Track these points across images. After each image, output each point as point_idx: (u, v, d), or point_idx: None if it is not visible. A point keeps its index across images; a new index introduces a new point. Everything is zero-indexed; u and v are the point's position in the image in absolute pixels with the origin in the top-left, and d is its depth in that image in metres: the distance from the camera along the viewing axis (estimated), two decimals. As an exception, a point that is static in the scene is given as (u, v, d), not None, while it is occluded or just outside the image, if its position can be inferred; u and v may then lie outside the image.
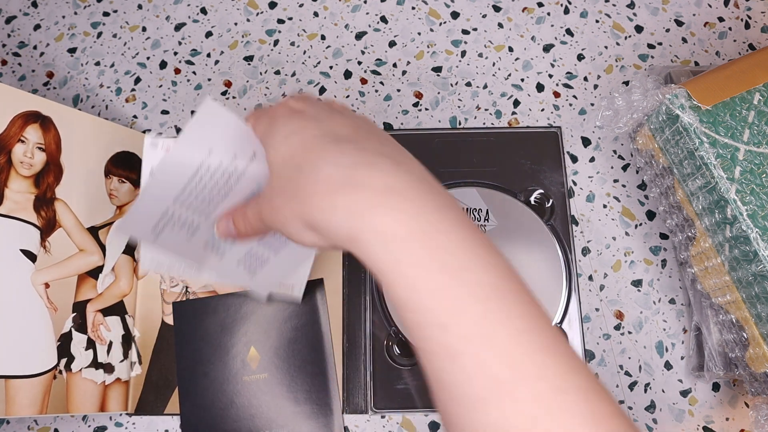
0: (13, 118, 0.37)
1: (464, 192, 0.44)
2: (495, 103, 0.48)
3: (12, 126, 0.37)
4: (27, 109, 0.38)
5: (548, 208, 0.44)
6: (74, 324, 0.39)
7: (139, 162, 0.46)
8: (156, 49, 0.51)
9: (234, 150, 0.29)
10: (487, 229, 0.43)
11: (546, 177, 0.45)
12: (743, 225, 0.34)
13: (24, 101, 0.38)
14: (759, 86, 0.36)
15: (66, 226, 0.40)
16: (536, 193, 0.44)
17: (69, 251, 0.40)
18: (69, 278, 0.39)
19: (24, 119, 0.38)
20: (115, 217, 0.43)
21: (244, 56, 0.50)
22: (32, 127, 0.38)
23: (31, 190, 0.38)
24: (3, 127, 0.36)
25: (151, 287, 0.44)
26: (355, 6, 0.52)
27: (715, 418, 0.41)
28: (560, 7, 0.51)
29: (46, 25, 0.52)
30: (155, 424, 0.42)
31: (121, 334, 0.42)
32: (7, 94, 0.37)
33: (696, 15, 0.51)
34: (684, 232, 0.40)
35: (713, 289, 0.38)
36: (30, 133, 0.38)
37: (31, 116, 0.38)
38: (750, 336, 0.36)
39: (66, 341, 0.38)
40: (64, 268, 0.39)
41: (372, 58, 0.50)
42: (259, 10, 0.52)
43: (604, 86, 0.49)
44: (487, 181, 0.45)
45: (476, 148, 0.46)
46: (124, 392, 0.42)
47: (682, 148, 0.37)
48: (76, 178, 0.41)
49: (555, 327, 0.21)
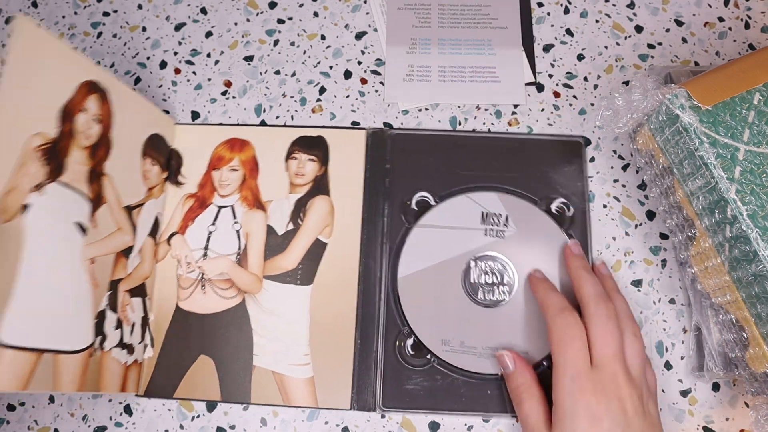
0: (79, 85, 0.36)
1: (485, 196, 0.44)
2: (495, 103, 0.48)
3: (78, 93, 0.36)
4: (89, 78, 0.37)
5: (568, 217, 0.44)
6: (109, 302, 0.39)
7: (167, 146, 0.46)
8: (156, 49, 0.51)
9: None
10: (506, 234, 0.43)
11: (567, 186, 0.45)
12: (743, 225, 0.34)
13: (87, 70, 0.37)
14: (759, 86, 0.36)
15: (110, 202, 0.39)
16: (557, 202, 0.44)
17: (110, 228, 0.40)
18: (108, 256, 0.39)
19: (87, 88, 0.37)
20: (145, 198, 0.43)
21: (244, 56, 0.50)
22: (92, 98, 0.37)
23: (87, 162, 0.37)
24: (71, 93, 0.36)
25: (168, 271, 0.44)
26: (355, 6, 0.52)
27: (715, 418, 0.41)
28: (560, 7, 0.51)
29: (46, 25, 0.52)
30: (155, 424, 0.42)
31: (141, 316, 0.42)
32: (76, 60, 0.36)
33: (696, 15, 0.51)
34: (684, 232, 0.40)
35: (713, 289, 0.38)
36: (90, 103, 0.37)
37: (92, 86, 0.37)
38: (750, 336, 0.36)
39: (101, 319, 0.39)
40: (105, 246, 0.39)
41: (372, 58, 0.50)
42: (259, 10, 0.52)
43: (604, 86, 0.49)
44: (508, 186, 0.45)
45: (499, 153, 0.46)
46: (138, 374, 0.42)
47: (682, 148, 0.37)
48: (120, 155, 0.40)
49: None
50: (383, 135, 0.47)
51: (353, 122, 0.48)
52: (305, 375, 0.42)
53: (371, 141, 0.47)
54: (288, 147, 0.47)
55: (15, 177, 0.32)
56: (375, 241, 0.44)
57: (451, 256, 0.43)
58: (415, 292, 0.43)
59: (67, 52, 0.35)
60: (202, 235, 0.45)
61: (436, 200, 0.44)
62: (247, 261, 0.44)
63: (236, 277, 0.44)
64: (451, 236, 0.43)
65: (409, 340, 0.42)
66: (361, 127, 0.48)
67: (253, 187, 0.46)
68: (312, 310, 0.43)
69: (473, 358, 0.41)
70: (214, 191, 0.46)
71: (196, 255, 0.45)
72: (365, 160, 0.46)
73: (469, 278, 0.42)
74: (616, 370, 0.34)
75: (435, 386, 0.41)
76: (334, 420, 0.42)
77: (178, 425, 0.42)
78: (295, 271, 0.44)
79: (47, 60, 0.34)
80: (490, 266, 0.43)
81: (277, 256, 0.44)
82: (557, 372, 0.35)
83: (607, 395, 0.33)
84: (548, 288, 0.39)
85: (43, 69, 0.34)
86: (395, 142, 0.46)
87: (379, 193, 0.45)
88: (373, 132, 0.47)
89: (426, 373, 0.41)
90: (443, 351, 0.41)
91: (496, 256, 0.43)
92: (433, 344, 0.41)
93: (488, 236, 0.43)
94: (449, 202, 0.44)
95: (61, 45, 0.35)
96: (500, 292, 0.42)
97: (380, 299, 0.43)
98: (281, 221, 0.45)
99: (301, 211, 0.45)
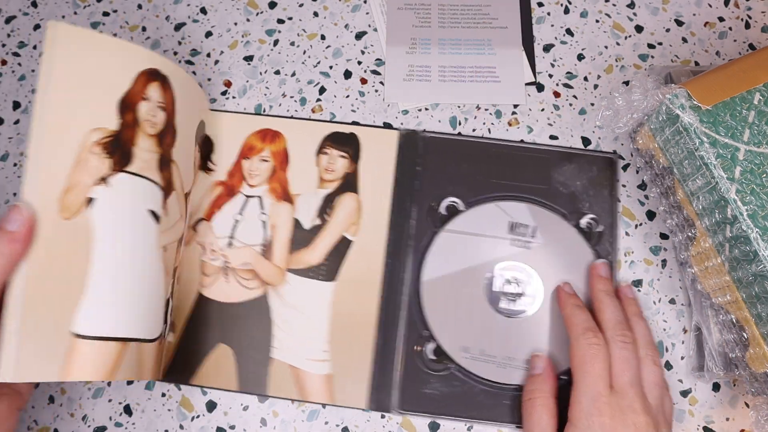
0: (137, 75, 0.36)
1: (514, 206, 0.44)
2: (495, 103, 0.48)
3: (136, 83, 0.36)
4: (148, 67, 0.37)
5: (596, 233, 0.43)
6: (172, 290, 0.40)
7: (204, 132, 0.46)
8: (156, 49, 0.51)
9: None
10: (532, 246, 0.43)
11: (597, 202, 0.44)
12: (743, 225, 0.34)
13: (145, 59, 0.37)
14: (759, 86, 0.36)
15: (177, 189, 0.40)
16: (587, 218, 0.44)
17: (177, 216, 0.40)
18: (174, 243, 0.40)
19: (146, 77, 0.37)
20: (193, 184, 0.44)
21: (244, 56, 0.50)
22: (153, 86, 0.37)
23: (156, 149, 0.37)
24: (129, 84, 0.36)
25: (193, 258, 0.44)
26: (355, 6, 0.52)
27: (715, 418, 0.41)
28: (560, 7, 0.51)
29: (45, 25, 0.52)
30: (155, 424, 0.42)
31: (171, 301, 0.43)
32: (130, 50, 0.36)
33: (696, 15, 0.51)
34: (684, 232, 0.40)
35: (713, 289, 0.38)
36: (152, 91, 0.37)
37: (152, 74, 0.37)
38: (750, 336, 0.36)
39: (167, 307, 0.39)
40: (174, 233, 0.39)
41: (372, 58, 0.50)
42: (259, 10, 0.52)
43: (604, 86, 0.49)
44: (539, 198, 0.44)
45: (531, 164, 0.45)
46: (159, 359, 0.42)
47: (682, 148, 0.37)
48: (183, 142, 0.40)
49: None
50: (415, 137, 0.46)
51: (353, 121, 0.48)
52: (323, 371, 0.42)
53: (403, 142, 0.46)
54: (320, 141, 0.47)
55: (74, 175, 0.33)
56: (401, 242, 0.44)
57: (476, 263, 0.43)
58: (438, 296, 0.42)
59: (115, 44, 0.35)
60: (228, 223, 0.45)
61: (465, 206, 0.44)
62: (271, 253, 0.44)
63: (260, 267, 0.44)
64: (477, 243, 0.43)
65: (429, 344, 0.42)
66: (394, 127, 0.48)
67: (283, 179, 0.46)
68: (334, 307, 0.43)
69: (492, 367, 0.41)
70: (243, 180, 0.46)
71: (221, 243, 0.45)
72: (396, 160, 0.46)
73: (492, 287, 0.42)
74: (634, 397, 0.34)
75: (453, 392, 0.41)
76: (334, 420, 0.42)
77: (178, 425, 0.42)
78: (319, 266, 0.44)
79: (92, 58, 0.34)
80: (515, 276, 0.42)
81: (302, 250, 0.44)
82: (577, 391, 0.35)
83: (624, 421, 0.33)
84: (576, 305, 0.40)
85: (89, 67, 0.34)
86: (427, 144, 0.46)
87: (408, 195, 0.45)
88: (405, 133, 0.47)
89: (444, 379, 0.41)
90: (463, 358, 0.41)
91: (522, 266, 0.43)
92: (453, 350, 0.41)
93: (514, 246, 0.43)
94: (478, 209, 0.44)
95: (108, 39, 0.35)
96: (523, 302, 0.42)
97: (402, 301, 0.43)
98: (308, 215, 0.45)
99: (328, 206, 0.45)
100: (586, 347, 0.36)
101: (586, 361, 0.35)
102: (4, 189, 0.47)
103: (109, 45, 0.35)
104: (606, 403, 0.34)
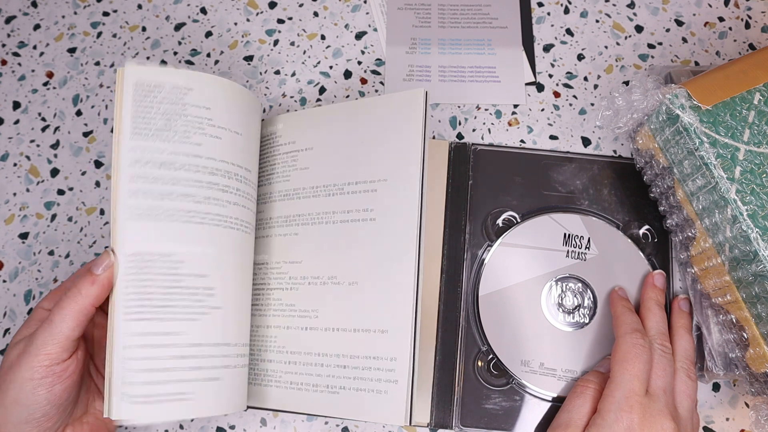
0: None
1: (568, 218, 0.44)
2: (495, 103, 0.48)
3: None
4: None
5: (651, 244, 0.43)
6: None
7: None
8: (156, 49, 0.51)
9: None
10: (588, 257, 0.43)
11: (651, 213, 0.44)
12: (743, 225, 0.34)
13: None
14: (759, 86, 0.36)
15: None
16: (641, 228, 0.43)
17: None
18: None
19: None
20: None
21: (244, 56, 0.50)
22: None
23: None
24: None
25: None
26: (355, 6, 0.52)
27: (715, 418, 0.41)
28: (560, 7, 0.51)
29: (45, 24, 0.52)
30: (155, 424, 0.42)
31: None
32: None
33: (696, 15, 0.51)
34: (684, 232, 0.40)
35: (713, 289, 0.38)
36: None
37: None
38: (750, 336, 0.36)
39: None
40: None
41: (372, 58, 0.50)
42: (259, 10, 0.52)
43: (604, 86, 0.49)
44: (592, 210, 0.44)
45: (583, 174, 0.45)
46: None
47: (682, 148, 0.37)
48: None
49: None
50: (465, 150, 0.46)
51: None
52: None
53: (453, 155, 0.46)
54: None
55: None
56: (456, 257, 0.43)
57: (532, 276, 0.42)
58: (495, 310, 0.42)
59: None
60: None
61: (519, 219, 0.44)
62: None
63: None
64: (532, 256, 0.43)
65: (489, 358, 0.41)
66: (444, 138, 0.47)
67: None
68: None
69: (553, 381, 0.40)
70: None
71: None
72: (447, 174, 0.45)
73: (549, 299, 0.42)
74: (665, 403, 0.35)
75: (514, 407, 0.40)
76: (334, 420, 0.42)
77: (178, 425, 0.42)
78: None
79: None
80: (572, 288, 0.42)
81: None
82: (612, 385, 0.35)
83: (653, 424, 0.34)
84: (626, 306, 0.40)
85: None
86: (477, 157, 0.46)
87: (461, 208, 0.44)
88: (455, 146, 0.46)
89: (505, 393, 0.41)
90: (523, 372, 0.41)
91: (578, 277, 0.42)
92: (513, 364, 0.41)
93: (570, 258, 0.43)
94: (532, 221, 0.44)
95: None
96: (581, 314, 0.42)
97: (460, 317, 0.42)
98: None
99: None
100: (631, 345, 0.36)
101: (629, 358, 0.36)
102: (4, 189, 0.47)
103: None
104: (638, 403, 0.34)
